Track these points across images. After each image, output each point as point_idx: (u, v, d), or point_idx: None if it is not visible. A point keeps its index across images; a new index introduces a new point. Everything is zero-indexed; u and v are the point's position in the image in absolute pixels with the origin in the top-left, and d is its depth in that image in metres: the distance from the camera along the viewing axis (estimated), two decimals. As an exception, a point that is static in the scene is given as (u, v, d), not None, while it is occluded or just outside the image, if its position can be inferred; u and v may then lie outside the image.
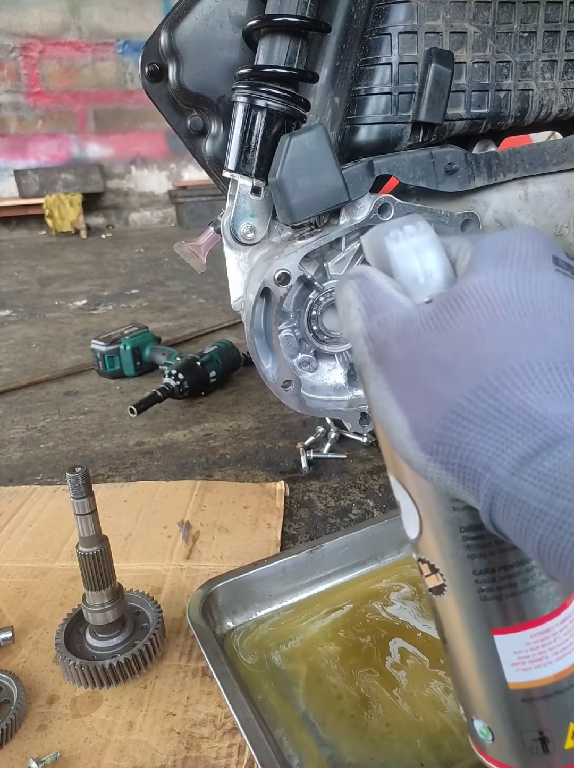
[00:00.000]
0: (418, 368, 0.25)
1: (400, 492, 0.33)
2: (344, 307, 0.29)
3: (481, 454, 0.23)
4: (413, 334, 0.26)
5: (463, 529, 0.30)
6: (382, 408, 0.27)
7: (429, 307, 0.26)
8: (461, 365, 0.24)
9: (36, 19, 4.35)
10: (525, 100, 0.59)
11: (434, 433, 0.24)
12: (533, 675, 0.31)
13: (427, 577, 0.33)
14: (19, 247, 4.01)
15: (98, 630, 0.55)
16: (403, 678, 0.53)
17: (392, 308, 0.27)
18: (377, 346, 0.27)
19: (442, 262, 0.29)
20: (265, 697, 0.51)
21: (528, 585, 0.30)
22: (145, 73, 0.59)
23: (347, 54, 0.56)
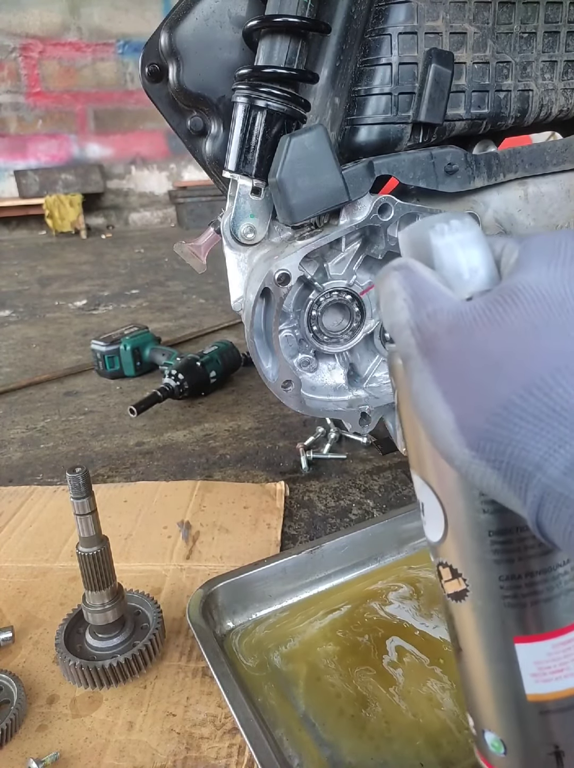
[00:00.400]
0: (468, 362, 0.25)
1: (425, 492, 0.32)
2: (387, 298, 0.29)
3: (532, 453, 0.22)
4: (464, 327, 0.25)
5: (491, 533, 0.29)
6: (425, 401, 0.26)
7: (481, 301, 0.26)
8: (514, 362, 0.24)
9: (36, 19, 4.35)
10: (525, 101, 0.59)
11: (483, 430, 0.23)
12: (552, 686, 0.30)
13: (446, 582, 0.32)
14: (19, 247, 4.01)
15: (98, 630, 0.55)
16: (400, 676, 0.53)
17: (441, 301, 0.27)
18: (426, 338, 0.26)
19: (487, 258, 0.28)
20: (266, 699, 0.51)
21: (553, 593, 0.29)
22: (145, 73, 0.59)
23: (347, 54, 0.56)
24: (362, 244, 0.58)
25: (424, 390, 0.26)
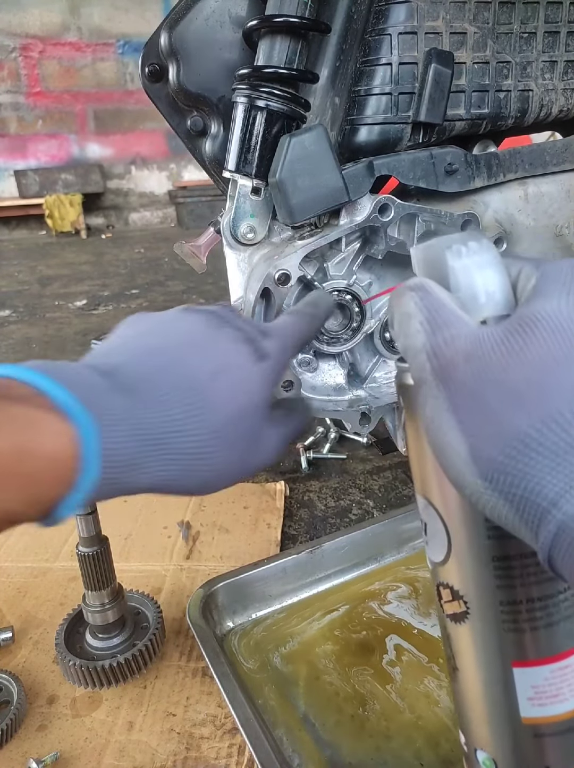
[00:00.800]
0: (485, 392, 0.24)
1: (429, 513, 0.31)
2: (402, 320, 0.28)
3: (547, 488, 0.22)
4: (482, 355, 0.25)
5: (495, 558, 0.29)
6: (439, 428, 0.26)
7: (499, 329, 0.25)
8: (532, 393, 0.23)
9: (36, 19, 4.35)
10: (525, 101, 0.59)
11: (497, 462, 0.23)
12: (548, 711, 0.30)
13: (446, 603, 0.32)
14: (19, 247, 4.01)
15: (98, 630, 0.55)
16: (398, 674, 0.53)
17: (459, 326, 0.26)
18: (442, 364, 0.26)
19: (504, 282, 0.28)
20: (266, 699, 0.51)
21: (552, 620, 0.30)
22: (145, 73, 0.59)
23: (347, 54, 0.56)
24: (362, 244, 0.58)
25: (438, 416, 0.26)
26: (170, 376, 0.32)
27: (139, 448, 0.30)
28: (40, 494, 0.26)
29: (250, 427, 0.35)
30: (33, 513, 0.27)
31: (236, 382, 0.34)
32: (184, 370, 0.33)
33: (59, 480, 0.27)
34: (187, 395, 0.32)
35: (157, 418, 0.31)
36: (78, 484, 0.27)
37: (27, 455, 0.25)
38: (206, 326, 0.36)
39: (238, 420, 0.34)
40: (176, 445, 0.31)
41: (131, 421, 0.30)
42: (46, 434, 0.26)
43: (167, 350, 0.34)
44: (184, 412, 0.32)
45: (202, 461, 0.33)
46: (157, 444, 0.30)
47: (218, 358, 0.34)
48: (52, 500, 0.27)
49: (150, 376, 0.32)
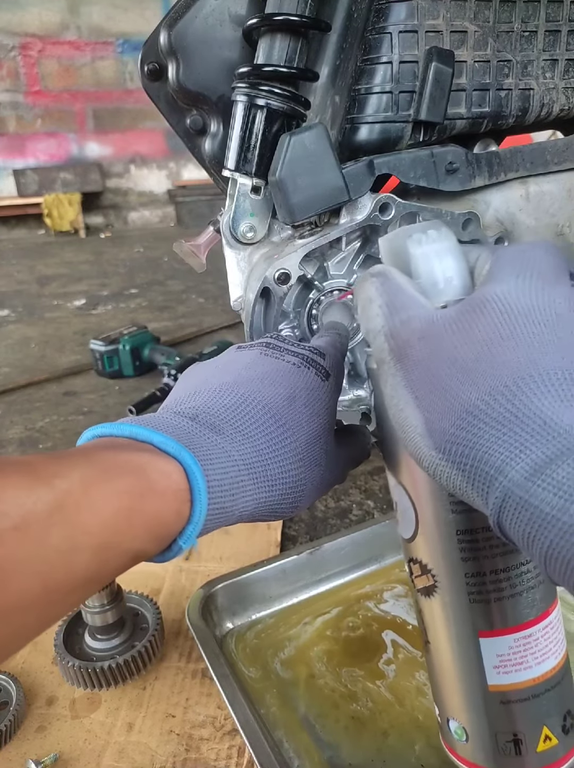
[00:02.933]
0: (437, 368, 0.26)
1: (398, 491, 0.33)
2: (364, 304, 0.30)
3: (494, 456, 0.23)
4: (435, 335, 0.26)
5: (459, 532, 0.31)
6: (396, 405, 0.27)
7: (452, 310, 0.27)
8: (480, 369, 0.25)
9: (35, 18, 4.35)
10: (526, 100, 0.59)
11: (449, 433, 0.24)
12: (513, 678, 0.32)
13: (417, 578, 0.34)
14: (18, 246, 4.01)
15: (97, 631, 0.55)
16: (399, 675, 0.53)
17: (415, 308, 0.28)
18: (398, 344, 0.27)
19: (461, 268, 0.30)
20: (266, 700, 0.51)
21: (516, 590, 0.31)
22: (144, 72, 0.59)
23: (348, 53, 0.56)
24: (363, 243, 0.58)
25: (395, 394, 0.27)
26: (249, 410, 0.34)
27: (236, 478, 0.31)
28: (161, 530, 0.28)
29: (326, 445, 0.36)
30: (154, 549, 0.28)
31: (310, 403, 0.36)
32: (261, 402, 0.34)
33: (176, 514, 0.28)
34: (268, 425, 0.34)
35: (245, 451, 0.32)
36: (192, 516, 0.29)
37: (147, 493, 0.27)
38: (267, 357, 0.38)
39: (316, 440, 0.35)
40: (267, 472, 0.33)
41: (224, 456, 0.31)
42: (158, 474, 0.28)
43: (239, 386, 0.35)
44: (267, 442, 0.33)
45: (293, 485, 0.34)
46: (250, 473, 0.32)
47: (289, 385, 0.36)
48: (171, 535, 0.29)
49: (230, 414, 0.33)
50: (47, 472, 0.25)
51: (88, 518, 0.25)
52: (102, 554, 0.25)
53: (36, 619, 0.24)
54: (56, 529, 0.24)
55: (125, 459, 0.28)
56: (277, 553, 0.71)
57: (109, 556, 0.26)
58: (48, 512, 0.24)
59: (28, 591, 0.23)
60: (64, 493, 0.25)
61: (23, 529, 0.23)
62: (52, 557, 0.24)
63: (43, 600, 0.24)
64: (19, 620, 0.23)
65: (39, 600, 0.24)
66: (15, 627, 0.24)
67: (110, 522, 0.26)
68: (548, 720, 0.32)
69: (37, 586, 0.23)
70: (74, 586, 0.25)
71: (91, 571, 0.25)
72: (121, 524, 0.26)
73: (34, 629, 0.25)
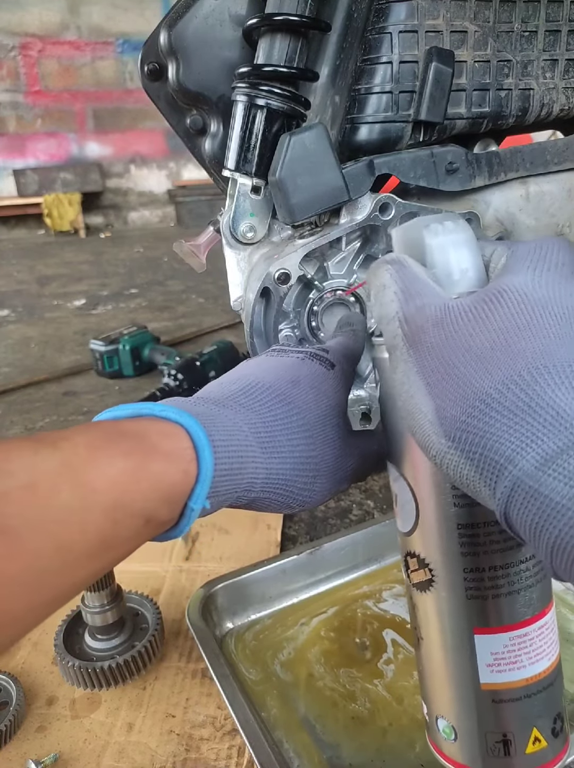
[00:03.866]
0: (452, 356, 0.26)
1: (399, 484, 0.33)
2: (378, 290, 0.30)
3: (505, 445, 0.23)
4: (450, 322, 0.26)
5: (460, 526, 0.30)
6: (407, 392, 0.27)
7: (468, 299, 0.27)
8: (495, 357, 0.25)
9: (35, 18, 4.34)
10: (526, 100, 0.59)
11: (460, 421, 0.24)
12: (506, 677, 0.31)
13: (413, 572, 0.33)
14: (18, 246, 4.01)
15: (97, 631, 0.55)
16: (398, 674, 0.53)
17: (430, 296, 0.28)
18: (412, 329, 0.27)
19: (477, 261, 0.30)
20: (269, 708, 0.51)
21: (513, 588, 0.31)
22: (144, 72, 0.59)
23: (348, 53, 0.56)
24: (363, 243, 0.58)
25: (407, 380, 0.27)
26: (253, 391, 0.35)
27: (242, 441, 0.31)
28: (170, 490, 0.28)
29: (337, 426, 0.37)
30: (167, 513, 0.28)
31: (315, 385, 0.36)
32: (265, 386, 0.35)
33: (183, 473, 0.28)
34: (273, 404, 0.34)
35: (251, 420, 0.33)
36: (199, 475, 0.29)
37: (152, 453, 0.27)
38: (272, 357, 0.39)
39: (324, 419, 0.36)
40: (275, 441, 0.33)
41: (228, 421, 0.32)
42: (160, 435, 0.28)
43: (242, 378, 0.36)
44: (273, 416, 0.34)
45: (305, 459, 0.34)
46: (257, 438, 0.32)
47: (293, 372, 0.37)
48: (181, 496, 0.29)
49: (234, 396, 0.34)
50: (51, 438, 0.26)
51: (96, 477, 0.25)
52: (113, 514, 0.25)
53: (54, 584, 0.24)
54: (65, 487, 0.24)
55: (127, 426, 0.29)
56: (277, 553, 0.71)
57: (121, 517, 0.26)
58: (55, 470, 0.24)
59: (42, 551, 0.23)
60: (69, 453, 0.25)
61: (31, 487, 0.23)
62: (63, 516, 0.23)
63: (59, 562, 0.24)
64: (35, 584, 0.23)
65: (54, 561, 0.23)
66: (32, 593, 0.23)
67: (117, 480, 0.26)
68: (539, 722, 0.32)
69: (50, 545, 0.23)
70: (89, 548, 0.25)
71: (105, 533, 0.25)
72: (129, 483, 0.26)
73: (53, 596, 0.24)
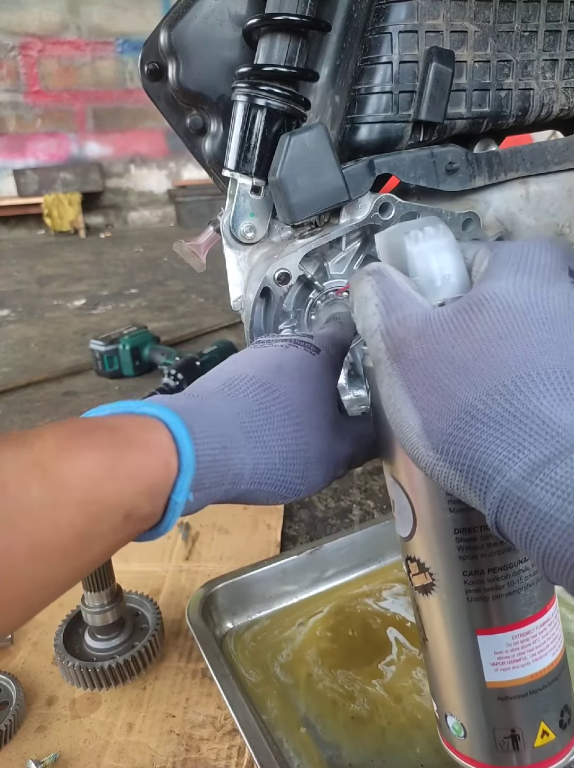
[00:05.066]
0: (435, 368, 0.25)
1: (395, 490, 0.33)
2: (360, 303, 0.30)
3: (493, 456, 0.23)
4: (432, 333, 0.26)
5: (457, 530, 0.31)
6: (394, 405, 0.27)
7: (449, 308, 0.27)
8: (478, 368, 0.24)
9: (35, 18, 4.34)
10: (526, 99, 0.59)
11: (447, 433, 0.24)
12: (510, 675, 0.32)
13: (414, 576, 0.34)
14: (18, 246, 4.01)
15: (97, 631, 0.55)
16: (398, 673, 0.53)
17: (411, 307, 0.28)
18: (395, 343, 0.27)
19: (459, 266, 0.29)
20: (269, 708, 0.51)
21: (514, 588, 0.31)
22: (144, 72, 0.59)
23: (348, 53, 0.56)
24: (363, 243, 0.58)
25: (392, 394, 0.27)
26: (236, 383, 0.34)
27: (225, 430, 0.31)
28: (150, 483, 0.27)
29: (325, 412, 0.36)
30: (148, 506, 0.28)
31: (301, 369, 0.36)
32: (248, 376, 0.35)
33: (163, 464, 0.28)
34: (257, 392, 0.34)
35: (233, 409, 0.32)
36: (181, 465, 0.28)
37: (128, 445, 0.27)
38: (255, 348, 0.39)
39: (311, 404, 0.35)
40: (260, 431, 0.32)
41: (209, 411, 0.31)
42: (137, 428, 0.28)
43: (224, 372, 0.36)
44: (257, 404, 0.33)
45: (293, 449, 0.33)
46: (241, 427, 0.32)
47: (276, 359, 0.36)
48: (163, 489, 0.28)
49: (217, 389, 0.34)
50: (19, 437, 0.25)
51: (67, 472, 0.24)
52: (87, 508, 0.25)
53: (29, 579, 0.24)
54: (35, 484, 0.24)
55: (102, 421, 0.28)
56: (277, 553, 0.71)
57: (97, 511, 0.25)
58: (24, 469, 0.24)
59: (13, 549, 0.23)
60: (39, 450, 0.25)
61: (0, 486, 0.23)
62: (34, 514, 0.23)
63: (32, 558, 0.23)
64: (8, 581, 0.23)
65: (26, 559, 0.23)
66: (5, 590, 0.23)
67: (90, 475, 0.25)
68: (546, 715, 0.32)
69: (22, 543, 0.23)
70: (63, 544, 0.24)
71: (80, 528, 0.25)
72: (104, 477, 0.25)
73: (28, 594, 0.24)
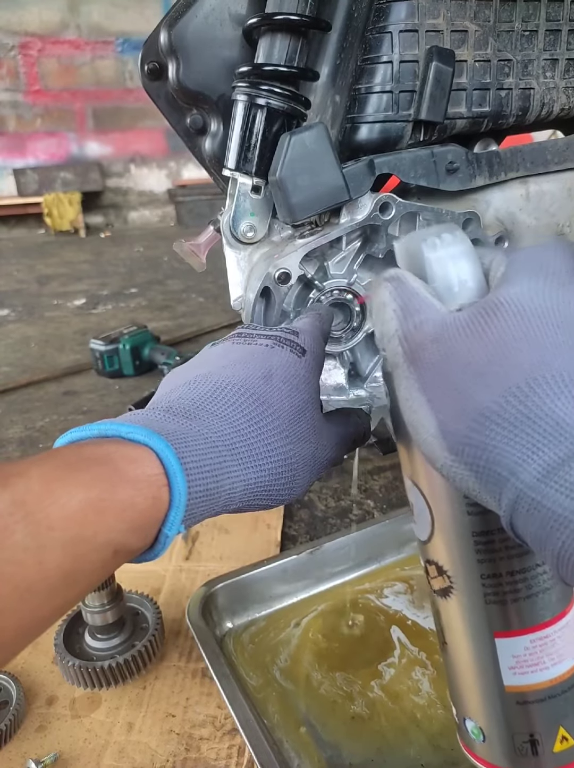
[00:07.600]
0: (451, 371, 0.26)
1: (414, 493, 0.33)
2: (378, 308, 0.30)
3: (507, 458, 0.23)
4: (448, 338, 0.27)
5: (475, 533, 0.31)
6: (411, 408, 0.27)
7: (465, 313, 0.27)
8: (493, 371, 0.25)
9: (35, 17, 4.34)
10: (526, 99, 0.59)
11: (462, 435, 0.24)
12: (529, 679, 0.32)
13: (433, 579, 0.33)
14: (18, 246, 4.01)
15: (97, 631, 0.55)
16: (398, 673, 0.53)
17: (429, 312, 0.28)
18: (412, 347, 0.28)
19: (476, 272, 0.30)
20: (269, 708, 0.51)
21: (532, 591, 0.31)
22: (144, 71, 0.59)
23: (348, 52, 0.56)
24: (363, 242, 0.58)
25: (409, 396, 0.27)
26: (224, 394, 0.34)
27: (216, 459, 0.31)
28: (138, 519, 0.27)
29: (311, 420, 0.36)
30: (137, 542, 0.28)
31: (288, 379, 0.36)
32: (236, 385, 0.34)
33: (152, 500, 0.28)
34: (246, 405, 0.34)
35: (224, 432, 0.32)
36: (172, 500, 0.28)
37: (117, 482, 0.27)
38: (239, 344, 0.38)
39: (299, 414, 0.35)
40: (251, 451, 0.33)
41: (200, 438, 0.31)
42: (126, 461, 0.28)
43: (212, 375, 0.35)
44: (247, 421, 0.33)
45: (282, 463, 0.34)
46: (232, 452, 0.32)
47: (264, 364, 0.36)
48: (152, 524, 0.28)
49: (205, 401, 0.33)
50: (3, 474, 0.25)
51: (52, 512, 0.24)
52: (74, 549, 0.25)
53: (15, 623, 0.24)
54: (19, 527, 0.23)
55: (90, 452, 0.28)
56: (278, 553, 0.71)
57: (84, 551, 0.25)
58: (7, 511, 0.23)
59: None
60: (23, 491, 0.24)
61: None
62: (18, 557, 0.23)
63: (18, 602, 0.23)
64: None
65: (12, 602, 0.23)
66: None
67: (77, 515, 0.25)
68: (565, 720, 0.32)
69: (7, 588, 0.23)
70: (50, 585, 0.24)
71: (66, 568, 0.24)
72: (90, 516, 0.25)
73: (14, 634, 0.24)
